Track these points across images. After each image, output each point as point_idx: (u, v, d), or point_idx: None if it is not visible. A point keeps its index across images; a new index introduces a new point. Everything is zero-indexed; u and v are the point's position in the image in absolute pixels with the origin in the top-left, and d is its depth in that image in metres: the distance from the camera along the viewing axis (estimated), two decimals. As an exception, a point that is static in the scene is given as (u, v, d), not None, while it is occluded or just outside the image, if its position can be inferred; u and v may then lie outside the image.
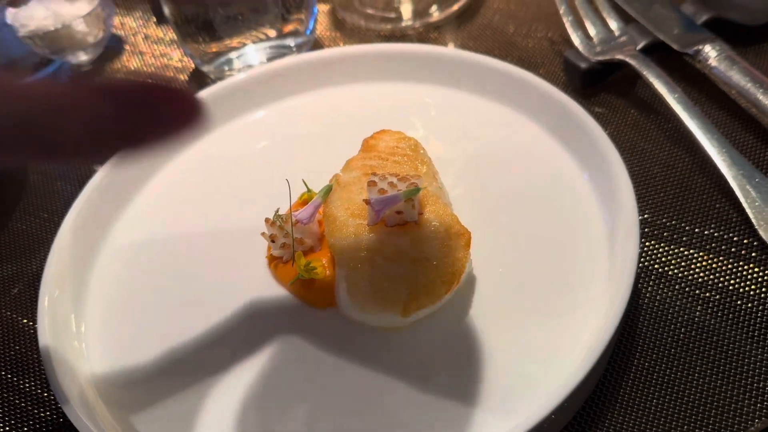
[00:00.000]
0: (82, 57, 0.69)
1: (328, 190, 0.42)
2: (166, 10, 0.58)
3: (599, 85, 0.53)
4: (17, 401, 0.41)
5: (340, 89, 0.54)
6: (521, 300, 0.39)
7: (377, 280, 0.37)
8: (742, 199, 0.42)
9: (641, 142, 0.49)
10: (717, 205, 0.44)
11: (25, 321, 0.45)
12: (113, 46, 0.72)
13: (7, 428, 0.40)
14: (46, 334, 0.38)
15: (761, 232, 0.41)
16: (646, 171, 0.47)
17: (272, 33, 0.60)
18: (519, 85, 0.48)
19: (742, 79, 0.48)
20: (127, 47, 0.71)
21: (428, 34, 0.64)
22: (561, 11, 0.55)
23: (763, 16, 0.54)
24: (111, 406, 0.38)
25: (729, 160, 0.44)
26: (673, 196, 0.45)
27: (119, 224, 0.47)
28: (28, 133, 0.22)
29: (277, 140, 0.52)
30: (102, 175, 0.47)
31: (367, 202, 0.38)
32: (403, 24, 0.64)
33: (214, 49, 0.59)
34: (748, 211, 0.42)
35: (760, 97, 0.46)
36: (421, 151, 0.45)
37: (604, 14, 0.55)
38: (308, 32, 0.62)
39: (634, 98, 0.52)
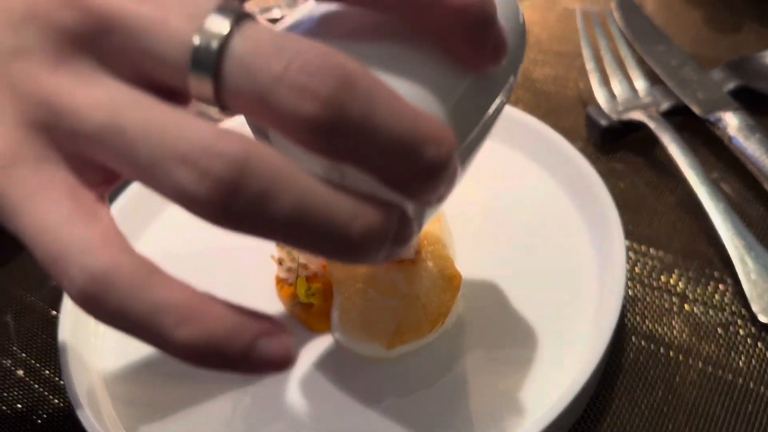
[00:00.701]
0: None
1: (335, 222, 0.45)
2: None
3: (620, 142, 0.54)
4: (36, 386, 0.46)
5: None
6: (507, 347, 0.41)
7: (367, 311, 0.40)
8: (738, 270, 0.43)
9: (653, 202, 0.50)
10: (714, 273, 0.44)
11: (54, 313, 0.50)
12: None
13: (24, 410, 0.44)
14: (65, 330, 0.42)
15: (753, 305, 0.41)
16: (653, 231, 0.48)
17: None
18: (534, 137, 0.50)
19: (758, 150, 0.48)
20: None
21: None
22: (588, 67, 0.57)
23: (794, 88, 0.54)
24: (116, 400, 0.41)
25: (732, 230, 0.44)
26: (673, 259, 0.46)
27: (147, 236, 0.51)
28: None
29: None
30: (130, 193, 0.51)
31: (367, 237, 0.41)
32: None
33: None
34: (743, 282, 0.42)
35: (772, 168, 0.47)
36: (431, 193, 0.47)
37: (631, 73, 0.56)
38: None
39: (651, 158, 0.53)
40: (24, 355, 0.48)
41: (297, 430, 0.39)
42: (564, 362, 0.39)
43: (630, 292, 0.44)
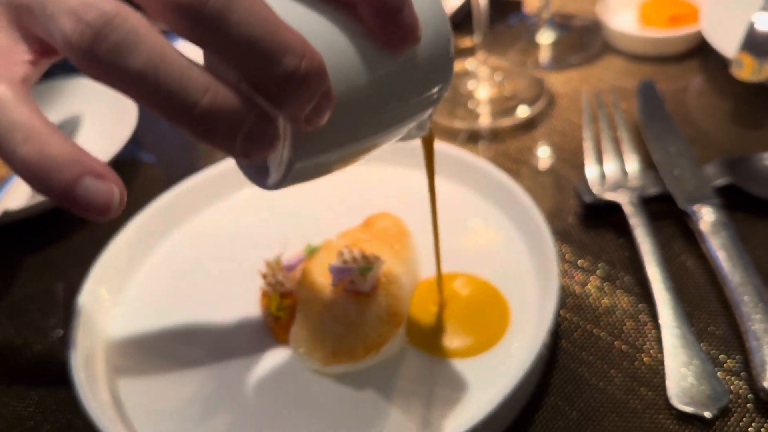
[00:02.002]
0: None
1: (314, 249, 0.52)
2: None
3: (604, 219, 0.58)
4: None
5: (370, 168, 0.64)
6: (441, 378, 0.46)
7: (316, 331, 0.46)
8: (667, 356, 0.46)
9: (606, 288, 0.53)
10: (646, 353, 0.47)
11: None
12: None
13: (60, 364, 0.54)
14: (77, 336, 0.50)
15: (670, 393, 0.44)
16: (600, 319, 0.51)
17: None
18: (512, 202, 0.55)
19: (722, 247, 0.51)
20: (254, 92, 0.86)
21: (497, 135, 0.71)
22: (585, 145, 0.61)
23: (782, 193, 0.56)
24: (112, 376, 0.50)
25: (672, 316, 0.47)
26: (608, 348, 0.49)
27: (159, 249, 0.60)
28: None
29: (305, 200, 0.62)
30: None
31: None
32: (476, 125, 0.73)
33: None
34: (667, 365, 0.45)
35: (726, 270, 0.49)
36: (407, 237, 0.54)
37: (626, 156, 0.60)
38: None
39: (625, 239, 0.56)
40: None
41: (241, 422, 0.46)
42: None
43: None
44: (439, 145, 0.62)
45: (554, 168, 0.66)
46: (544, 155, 0.68)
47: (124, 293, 0.56)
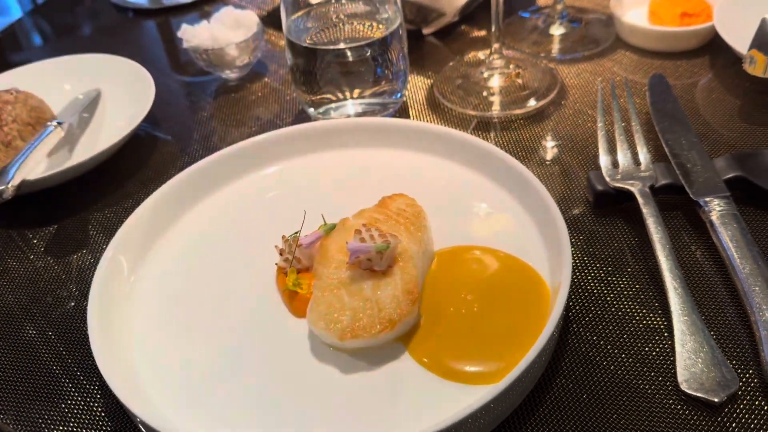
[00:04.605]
0: (230, 74, 0.85)
1: (331, 228, 0.53)
2: (288, 58, 0.71)
3: (614, 207, 0.59)
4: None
5: (385, 151, 0.64)
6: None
7: (333, 306, 0.47)
8: (677, 343, 0.46)
9: (616, 275, 0.54)
10: (656, 338, 0.48)
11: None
12: (258, 70, 0.87)
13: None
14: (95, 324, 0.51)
15: (680, 378, 0.45)
16: (611, 305, 0.52)
17: (367, 92, 0.71)
18: (529, 191, 0.56)
19: (732, 238, 0.51)
20: (267, 76, 0.86)
21: (509, 123, 0.72)
22: (599, 135, 0.62)
23: (791, 187, 0.57)
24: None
25: (681, 304, 0.48)
26: (618, 333, 0.50)
27: (184, 220, 0.61)
28: None
29: (321, 181, 0.63)
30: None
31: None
32: (488, 113, 0.73)
33: (317, 98, 0.72)
34: (678, 351, 0.46)
35: (736, 260, 0.50)
36: (422, 218, 0.54)
37: (639, 147, 0.60)
38: (397, 96, 0.73)
39: (634, 228, 0.57)
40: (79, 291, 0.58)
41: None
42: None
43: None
44: (450, 131, 0.63)
45: (564, 157, 0.67)
46: (554, 145, 0.69)
47: (143, 265, 0.56)
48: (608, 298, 0.52)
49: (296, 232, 0.53)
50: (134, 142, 0.75)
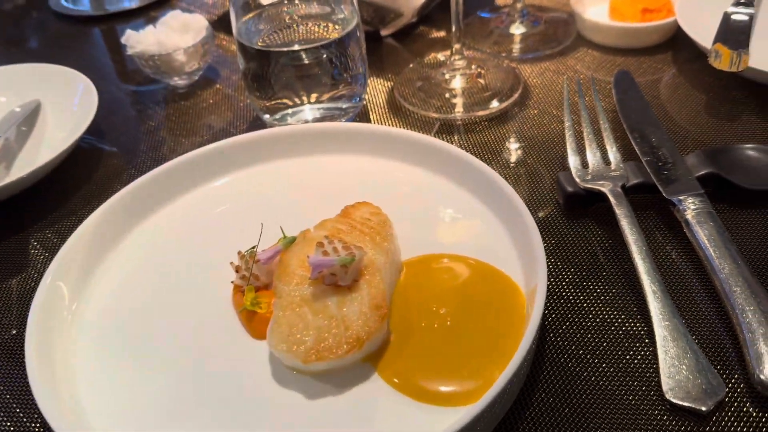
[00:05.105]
0: (179, 81, 0.81)
1: (291, 241, 0.49)
2: (240, 62, 0.68)
3: (585, 208, 0.57)
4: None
5: (345, 158, 0.61)
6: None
7: (294, 326, 0.44)
8: (660, 349, 0.44)
9: (591, 279, 0.52)
10: (637, 345, 0.46)
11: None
12: (209, 76, 0.83)
13: None
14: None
15: (665, 387, 0.42)
16: (588, 311, 0.50)
17: (325, 96, 0.68)
18: (497, 194, 0.53)
19: (709, 237, 0.50)
20: (219, 82, 0.82)
21: (473, 125, 0.69)
22: (566, 135, 0.60)
23: (763, 181, 0.55)
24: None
25: (661, 308, 0.46)
26: (598, 341, 0.48)
27: (131, 236, 0.57)
28: None
29: (279, 191, 0.60)
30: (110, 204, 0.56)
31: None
32: (451, 115, 0.71)
33: (272, 104, 0.68)
34: (661, 358, 0.44)
35: (715, 261, 0.48)
36: (388, 227, 0.51)
37: (608, 146, 0.58)
38: (357, 100, 0.70)
39: (607, 229, 0.55)
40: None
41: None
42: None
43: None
44: (414, 135, 0.60)
45: (531, 159, 0.64)
46: (520, 146, 0.66)
47: (86, 289, 0.52)
48: (585, 305, 0.50)
49: (253, 247, 0.49)
50: (77, 156, 0.71)
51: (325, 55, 0.65)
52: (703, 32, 0.70)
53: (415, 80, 0.77)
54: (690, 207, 0.52)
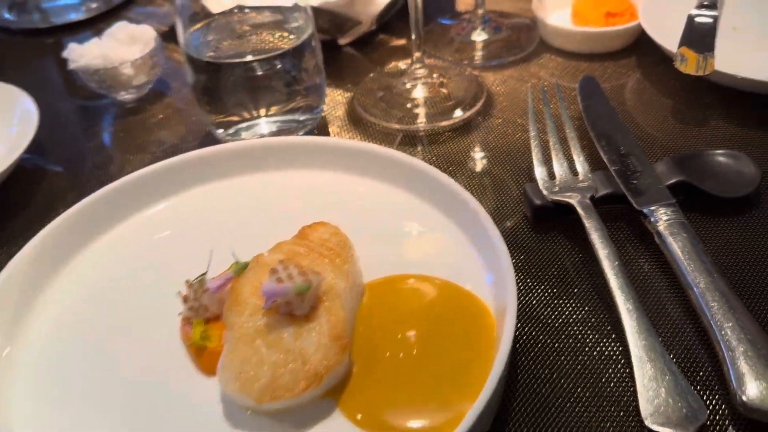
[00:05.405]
0: (126, 96, 0.77)
1: (243, 267, 0.46)
2: (189, 75, 0.64)
3: (554, 221, 0.54)
4: None
5: (303, 173, 0.58)
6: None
7: (247, 361, 0.40)
8: (636, 371, 0.42)
9: (563, 297, 0.49)
10: (613, 367, 0.44)
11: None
12: (159, 89, 0.79)
13: None
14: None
15: (644, 413, 0.40)
16: (560, 332, 0.47)
17: (281, 108, 0.65)
18: (462, 209, 0.51)
19: (682, 249, 0.48)
20: (170, 96, 0.79)
21: (436, 136, 0.67)
22: (531, 145, 0.57)
23: (735, 188, 0.54)
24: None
25: (636, 327, 0.44)
26: (572, 364, 0.45)
27: (70, 266, 0.52)
28: None
29: (231, 211, 0.56)
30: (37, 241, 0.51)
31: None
32: (414, 126, 0.68)
33: (225, 118, 0.65)
34: (638, 381, 0.41)
35: (689, 275, 0.46)
36: (348, 248, 0.48)
37: (575, 156, 0.56)
38: (315, 112, 0.67)
39: (577, 243, 0.52)
40: None
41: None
42: None
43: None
44: (375, 148, 0.57)
45: (496, 170, 0.62)
46: (485, 156, 0.64)
47: (19, 330, 0.48)
48: (557, 324, 0.47)
49: (202, 275, 0.46)
50: (18, 176, 0.66)
51: (279, 66, 0.62)
52: (667, 36, 0.68)
53: (376, 90, 0.74)
54: (662, 218, 0.50)
